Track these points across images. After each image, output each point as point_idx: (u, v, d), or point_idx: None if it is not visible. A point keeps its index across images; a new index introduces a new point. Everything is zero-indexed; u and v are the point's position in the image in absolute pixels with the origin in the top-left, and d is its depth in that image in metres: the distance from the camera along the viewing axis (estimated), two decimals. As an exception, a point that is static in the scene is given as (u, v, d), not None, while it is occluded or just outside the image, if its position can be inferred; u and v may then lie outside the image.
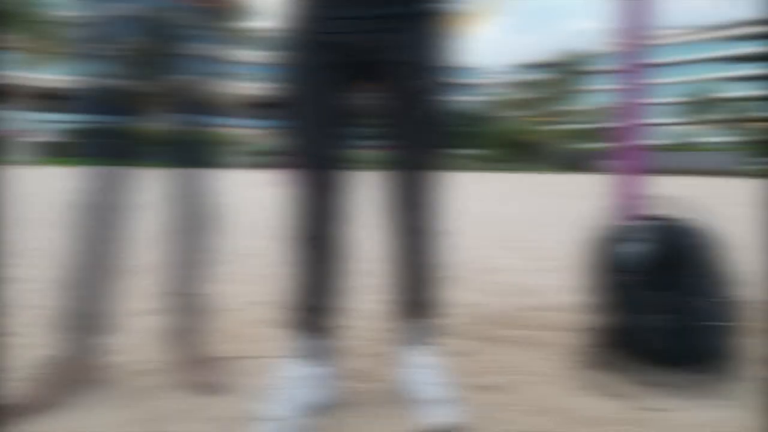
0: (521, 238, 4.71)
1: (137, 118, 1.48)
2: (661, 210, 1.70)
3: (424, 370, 1.37)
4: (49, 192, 9.26)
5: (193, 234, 1.58)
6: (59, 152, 28.45)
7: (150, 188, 1.67)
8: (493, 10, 3.08)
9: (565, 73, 34.01)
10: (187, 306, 1.60)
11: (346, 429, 1.27)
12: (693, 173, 34.66)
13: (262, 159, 28.64)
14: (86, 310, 1.45)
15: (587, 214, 7.05)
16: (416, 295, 1.41)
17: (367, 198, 1.52)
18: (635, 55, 1.92)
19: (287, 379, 1.30)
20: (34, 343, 1.80)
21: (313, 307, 1.36)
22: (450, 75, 1.27)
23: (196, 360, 1.52)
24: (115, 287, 1.52)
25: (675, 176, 31.90)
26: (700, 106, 45.57)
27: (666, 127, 74.22)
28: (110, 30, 1.41)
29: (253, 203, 7.46)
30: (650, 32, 1.89)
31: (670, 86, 78.54)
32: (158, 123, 1.55)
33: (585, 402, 1.45)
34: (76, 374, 1.41)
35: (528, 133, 38.87)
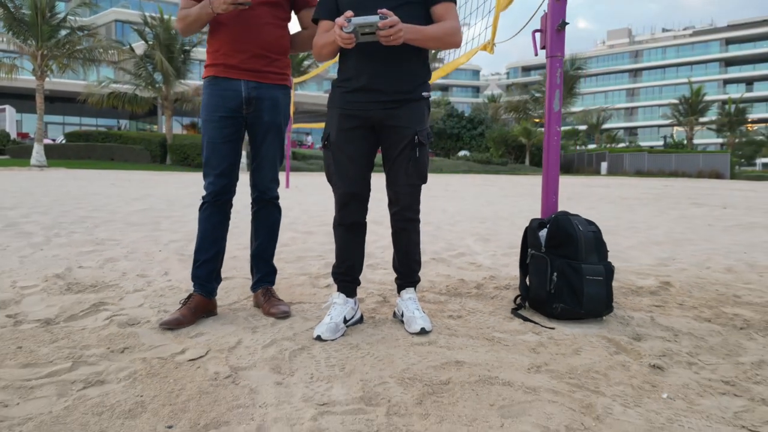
0: (497, 232, 5.67)
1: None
2: (563, 207, 2.66)
3: (410, 303, 2.34)
4: (83, 192, 10.20)
5: (268, 219, 2.55)
6: (68, 154, 29.33)
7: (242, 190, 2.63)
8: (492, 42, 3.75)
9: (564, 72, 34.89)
10: (266, 265, 2.57)
11: (365, 332, 2.23)
12: (684, 175, 35.54)
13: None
14: (207, 270, 2.41)
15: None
16: (408, 262, 2.38)
17: (378, 197, 2.47)
18: (553, 66, 2.82)
19: (333, 305, 2.27)
20: (182, 287, 2.77)
21: (344, 268, 2.33)
22: (428, 134, 2.23)
23: (271, 299, 2.49)
24: (221, 254, 2.48)
25: (664, 177, 32.80)
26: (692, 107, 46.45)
27: (658, 129, 74.80)
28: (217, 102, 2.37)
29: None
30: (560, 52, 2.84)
31: (661, 89, 79.08)
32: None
33: (508, 324, 2.42)
34: (200, 307, 2.36)
35: (525, 135, 39.72)
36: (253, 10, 2.31)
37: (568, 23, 2.73)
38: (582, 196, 13.48)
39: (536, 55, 2.85)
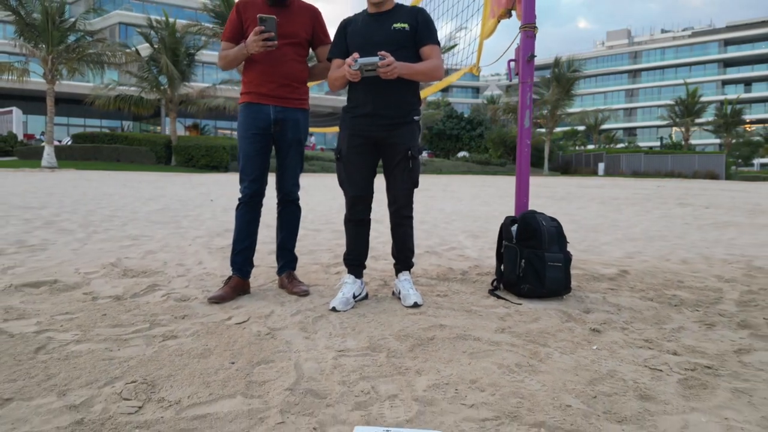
0: (488, 229, 6.25)
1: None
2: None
3: (406, 283, 2.92)
4: (100, 193, 10.78)
5: (290, 216, 3.13)
6: (75, 156, 29.89)
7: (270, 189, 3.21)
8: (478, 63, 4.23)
9: (559, 76, 35.46)
10: (289, 253, 3.16)
11: (370, 306, 2.82)
12: (680, 175, 36.09)
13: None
14: (243, 257, 3.00)
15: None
16: (404, 250, 2.97)
17: (380, 197, 3.06)
18: (524, 90, 3.42)
19: (344, 284, 2.86)
20: (216, 274, 3.36)
21: (353, 255, 2.92)
22: (418, 149, 2.82)
23: (293, 281, 3.07)
24: (254, 244, 3.07)
25: (660, 178, 33.36)
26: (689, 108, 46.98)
27: (654, 130, 75.21)
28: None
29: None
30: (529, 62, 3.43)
31: (660, 89, 79.50)
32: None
33: (484, 301, 3.00)
34: (238, 286, 2.95)
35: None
36: (279, 49, 2.89)
37: (536, 56, 3.32)
38: (575, 196, 14.05)
39: (510, 80, 3.44)
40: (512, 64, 3.45)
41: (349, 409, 1.68)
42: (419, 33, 2.79)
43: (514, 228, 3.19)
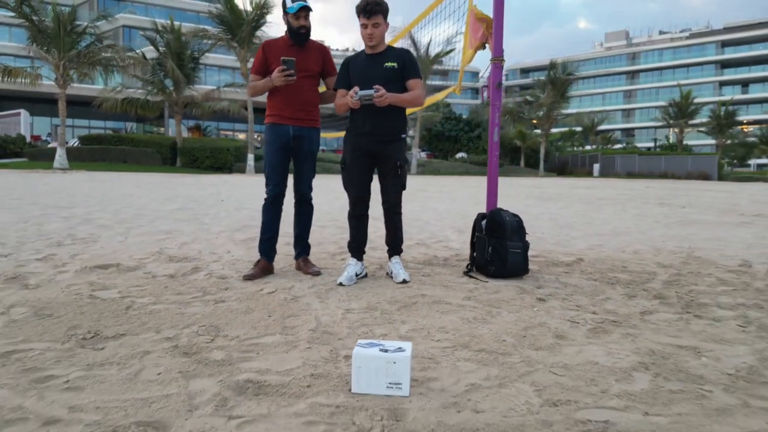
0: (474, 226, 7.06)
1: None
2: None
3: (397, 265, 3.72)
4: (115, 194, 11.57)
5: (304, 211, 3.93)
6: (83, 157, 30.69)
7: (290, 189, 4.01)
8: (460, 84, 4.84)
9: (554, 79, 36.27)
10: (304, 242, 3.96)
11: (368, 282, 3.61)
12: (673, 176, 36.86)
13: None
14: (268, 244, 3.80)
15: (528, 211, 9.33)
16: (394, 239, 3.77)
17: (376, 197, 3.86)
18: (494, 111, 4.23)
19: (348, 265, 3.66)
20: (244, 260, 4.16)
21: (356, 242, 3.72)
22: (405, 159, 3.62)
23: (308, 264, 3.87)
24: (277, 234, 3.87)
25: (653, 179, 34.12)
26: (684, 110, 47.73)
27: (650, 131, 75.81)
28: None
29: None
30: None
31: (658, 90, 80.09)
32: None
33: (458, 280, 3.79)
34: (265, 268, 3.75)
35: (520, 138, 41.02)
36: (297, 81, 3.69)
37: (503, 83, 4.12)
38: (563, 197, 14.83)
39: (483, 102, 4.25)
40: (485, 90, 4.25)
41: (354, 342, 2.48)
42: (406, 70, 3.59)
43: (484, 222, 3.99)
